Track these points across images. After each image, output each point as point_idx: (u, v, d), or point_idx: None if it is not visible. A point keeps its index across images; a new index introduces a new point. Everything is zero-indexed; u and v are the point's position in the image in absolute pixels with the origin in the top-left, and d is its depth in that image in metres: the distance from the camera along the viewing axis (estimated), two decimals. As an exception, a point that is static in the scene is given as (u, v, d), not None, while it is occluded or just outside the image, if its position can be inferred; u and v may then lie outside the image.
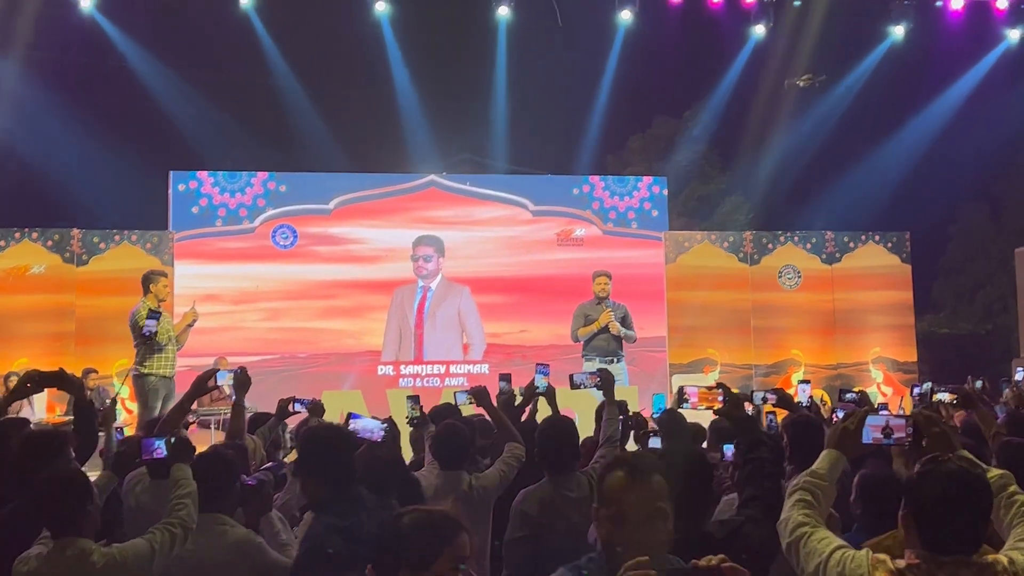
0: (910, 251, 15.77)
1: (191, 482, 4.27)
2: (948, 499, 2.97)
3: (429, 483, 5.33)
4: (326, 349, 14.92)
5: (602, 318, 11.33)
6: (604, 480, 2.88)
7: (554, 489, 5.00)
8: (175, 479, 4.27)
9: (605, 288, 11.59)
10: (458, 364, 14.92)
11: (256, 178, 14.90)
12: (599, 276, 11.71)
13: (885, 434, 3.46)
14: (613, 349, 11.40)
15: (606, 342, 11.39)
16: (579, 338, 11.56)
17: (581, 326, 11.53)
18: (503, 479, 5.52)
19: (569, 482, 5.03)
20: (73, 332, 13.63)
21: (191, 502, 4.20)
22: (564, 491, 4.98)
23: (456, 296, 15.15)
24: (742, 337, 15.21)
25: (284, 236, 14.86)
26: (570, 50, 19.12)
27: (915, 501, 3.02)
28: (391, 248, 15.18)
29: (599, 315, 11.38)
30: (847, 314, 15.47)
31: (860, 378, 15.26)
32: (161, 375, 9.85)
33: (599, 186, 15.80)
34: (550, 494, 4.98)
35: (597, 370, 6.25)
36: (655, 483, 2.80)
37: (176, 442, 4.37)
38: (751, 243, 15.49)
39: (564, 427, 5.36)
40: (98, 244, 13.96)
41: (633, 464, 2.87)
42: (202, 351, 12.93)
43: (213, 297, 14.35)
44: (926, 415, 3.54)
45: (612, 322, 11.31)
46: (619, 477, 2.83)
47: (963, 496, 2.98)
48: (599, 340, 11.40)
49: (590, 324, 11.44)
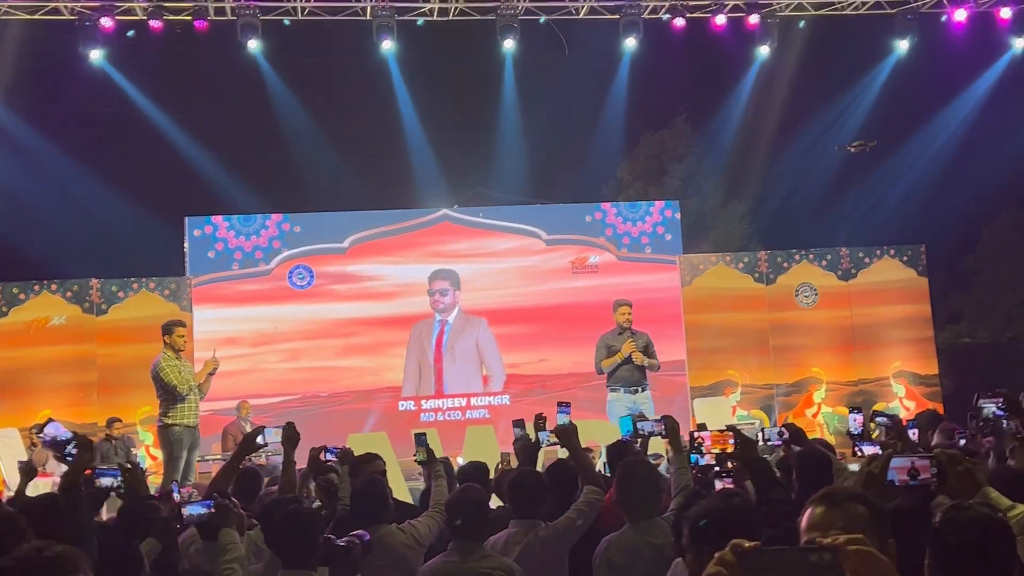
0: (926, 264, 15.74)
1: (239, 546, 4.32)
2: (969, 548, 2.97)
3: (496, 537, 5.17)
4: (347, 387, 14.96)
5: (625, 348, 11.21)
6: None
7: (638, 536, 4.92)
8: (223, 544, 4.30)
9: (628, 318, 11.42)
10: (479, 396, 14.95)
11: (270, 220, 15.00)
12: (621, 306, 11.53)
13: (911, 475, 3.45)
14: (637, 379, 11.30)
15: (630, 372, 11.27)
16: (603, 370, 11.40)
17: (604, 357, 11.38)
18: (571, 525, 5.27)
19: (653, 529, 4.95)
20: (95, 382, 13.71)
21: (239, 566, 4.24)
22: (648, 538, 4.90)
23: (474, 328, 15.19)
24: (761, 357, 15.17)
25: (300, 276, 14.94)
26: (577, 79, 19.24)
27: (938, 550, 3.03)
28: (407, 283, 15.24)
29: (622, 345, 11.26)
30: (866, 329, 15.41)
31: (882, 393, 15.20)
32: (185, 425, 9.99)
33: (611, 212, 15.84)
34: (635, 542, 4.90)
35: (662, 417, 6.07)
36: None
37: (220, 506, 4.39)
38: (766, 263, 15.47)
39: (649, 472, 5.23)
40: (116, 293, 14.05)
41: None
42: (223, 395, 13.00)
43: (232, 341, 14.42)
44: (949, 454, 3.53)
45: (635, 352, 11.23)
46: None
47: (984, 544, 2.97)
48: (623, 371, 11.27)
49: (613, 355, 11.30)
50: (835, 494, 2.85)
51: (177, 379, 9.93)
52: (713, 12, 15.31)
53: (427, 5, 14.84)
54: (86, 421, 13.49)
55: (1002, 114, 19.04)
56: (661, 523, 4.97)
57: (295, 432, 5.77)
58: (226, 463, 5.46)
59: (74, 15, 14.24)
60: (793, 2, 15.45)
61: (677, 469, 5.50)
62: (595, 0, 15.04)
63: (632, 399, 11.13)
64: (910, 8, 15.59)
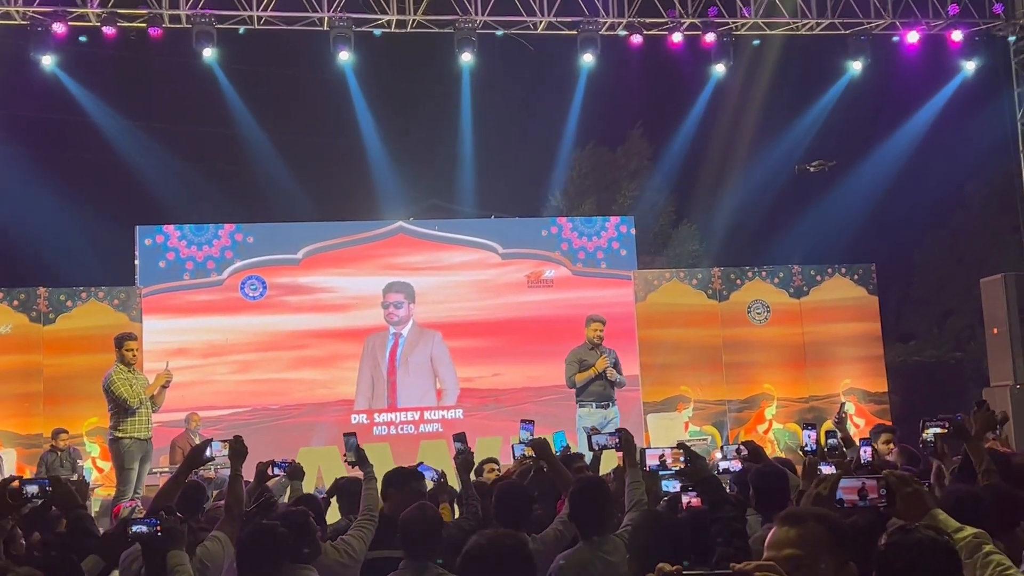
0: (876, 282, 15.92)
1: (187, 567, 4.24)
2: (914, 570, 2.97)
3: None
4: (298, 400, 14.82)
5: (599, 364, 11.16)
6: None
7: (592, 552, 4.91)
8: (171, 567, 4.23)
9: (599, 334, 11.38)
10: (432, 410, 14.88)
11: (223, 230, 14.84)
12: (594, 322, 11.48)
13: (861, 496, 3.46)
14: (608, 394, 11.28)
15: (602, 387, 11.24)
16: (575, 384, 11.34)
17: (577, 372, 11.30)
18: (559, 537, 5.33)
19: (606, 545, 4.93)
20: (41, 392, 13.45)
21: None
22: (603, 554, 4.89)
23: (428, 342, 15.13)
24: (714, 373, 15.24)
25: (253, 287, 14.80)
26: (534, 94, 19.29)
27: (883, 572, 3.03)
28: (361, 296, 15.14)
29: (594, 360, 11.22)
30: (817, 347, 15.55)
31: (832, 410, 15.27)
32: (136, 438, 9.91)
33: (567, 227, 15.86)
34: (589, 557, 4.89)
35: (616, 431, 6.11)
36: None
37: (168, 529, 4.30)
38: (719, 279, 15.57)
39: (601, 488, 5.22)
40: (65, 302, 13.83)
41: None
42: (172, 406, 12.78)
43: (183, 351, 14.23)
44: (898, 475, 3.53)
45: (609, 368, 11.21)
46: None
47: (929, 567, 2.98)
48: (595, 386, 11.23)
49: (585, 369, 11.24)
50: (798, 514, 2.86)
51: (128, 392, 9.83)
52: (670, 30, 15.43)
53: (385, 17, 14.81)
54: (31, 432, 13.29)
55: (953, 135, 19.33)
56: (614, 539, 4.96)
57: (243, 446, 5.66)
58: (172, 477, 5.37)
59: (26, 20, 14.04)
60: (748, 21, 15.61)
61: (631, 483, 5.49)
62: (553, 16, 15.09)
63: (603, 414, 11.15)
64: (863, 29, 15.80)
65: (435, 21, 15.05)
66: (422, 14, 14.81)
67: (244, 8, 14.39)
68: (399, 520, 5.01)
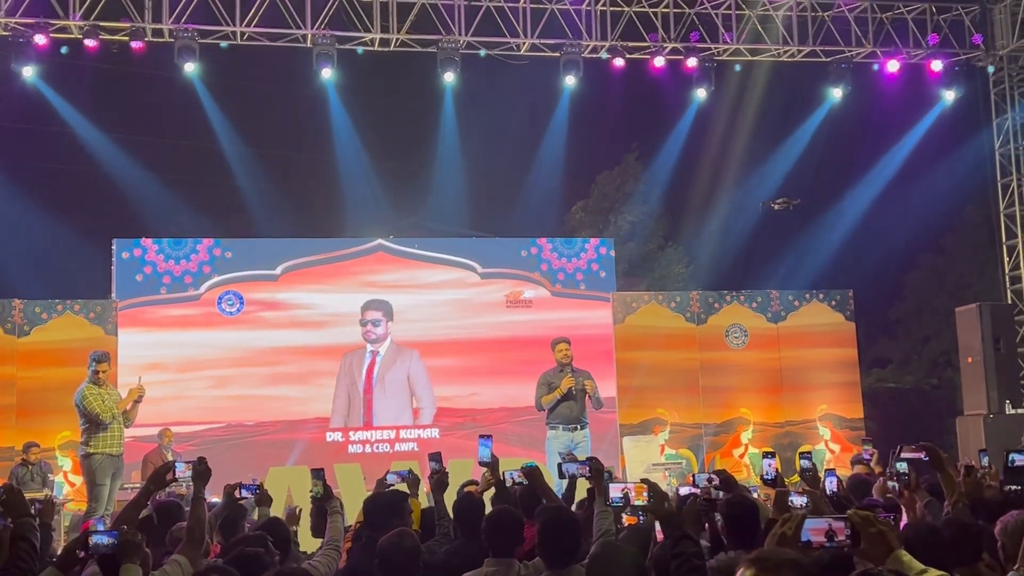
0: (853, 309, 15.98)
1: None
2: None
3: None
4: (274, 416, 14.72)
5: (563, 384, 11.09)
6: None
7: None
8: None
9: (566, 354, 11.32)
10: (408, 429, 14.83)
11: (201, 245, 14.76)
12: (559, 343, 11.42)
13: (828, 537, 3.43)
14: (576, 416, 11.20)
15: (570, 409, 11.17)
16: (543, 407, 11.30)
17: (545, 394, 11.26)
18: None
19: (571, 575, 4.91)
20: (14, 405, 13.33)
21: None
22: None
23: (405, 360, 15.08)
24: (691, 396, 15.25)
25: (230, 302, 14.72)
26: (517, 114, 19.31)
27: None
28: (339, 313, 15.08)
29: (561, 382, 11.18)
30: (794, 372, 15.59)
31: (808, 435, 15.35)
32: (107, 453, 9.89)
33: (547, 248, 15.86)
34: None
35: (587, 459, 6.00)
36: None
37: (125, 541, 4.25)
38: (698, 303, 15.60)
39: (569, 519, 5.16)
40: (40, 314, 13.72)
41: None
42: (146, 421, 12.67)
43: (158, 366, 14.11)
44: (863, 515, 3.52)
45: (587, 380, 11.14)
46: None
47: None
48: (563, 408, 11.17)
49: (553, 391, 11.20)
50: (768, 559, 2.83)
51: (100, 408, 9.78)
52: (652, 54, 15.51)
53: (368, 35, 14.83)
54: (3, 445, 13.18)
55: (933, 163, 19.47)
56: (579, 569, 4.93)
57: (207, 468, 5.54)
58: (134, 497, 5.30)
59: (7, 31, 14.00)
60: (730, 47, 15.72)
61: (599, 513, 5.45)
62: (536, 38, 15.15)
63: (570, 436, 11.10)
64: (844, 57, 15.94)
65: (418, 40, 15.09)
66: (405, 33, 14.85)
67: (227, 23, 14.39)
68: (377, 547, 4.99)
